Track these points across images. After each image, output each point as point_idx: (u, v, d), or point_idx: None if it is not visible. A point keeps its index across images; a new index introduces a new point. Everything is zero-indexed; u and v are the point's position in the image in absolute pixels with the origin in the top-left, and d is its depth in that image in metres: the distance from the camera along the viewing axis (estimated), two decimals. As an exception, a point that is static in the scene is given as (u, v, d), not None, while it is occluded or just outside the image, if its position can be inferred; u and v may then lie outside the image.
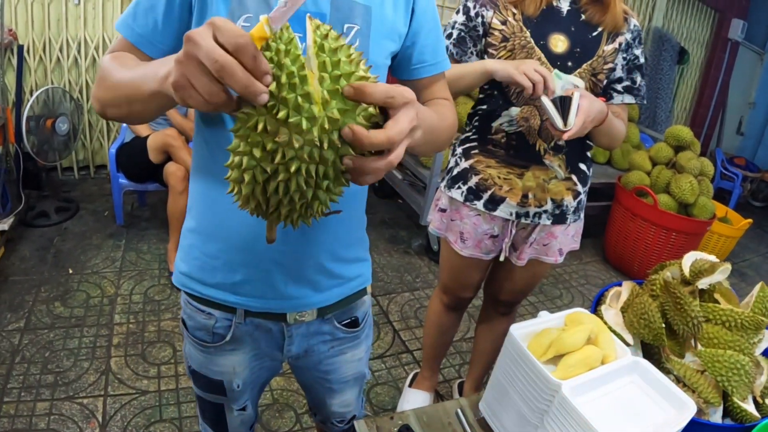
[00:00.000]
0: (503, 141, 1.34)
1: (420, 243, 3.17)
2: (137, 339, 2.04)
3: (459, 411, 0.96)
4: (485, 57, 1.32)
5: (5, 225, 2.43)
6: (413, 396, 1.84)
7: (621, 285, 1.07)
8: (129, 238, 2.77)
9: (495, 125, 1.34)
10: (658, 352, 0.94)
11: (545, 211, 1.36)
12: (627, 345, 0.91)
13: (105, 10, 3.10)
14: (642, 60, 1.34)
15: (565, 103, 1.13)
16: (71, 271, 2.42)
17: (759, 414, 0.85)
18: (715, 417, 0.86)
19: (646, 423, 0.76)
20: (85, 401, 1.72)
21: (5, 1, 2.73)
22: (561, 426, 0.75)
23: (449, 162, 1.47)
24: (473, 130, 1.40)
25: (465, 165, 1.40)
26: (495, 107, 1.34)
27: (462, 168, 1.40)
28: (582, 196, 1.41)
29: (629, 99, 1.35)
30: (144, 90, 0.58)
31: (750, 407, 0.85)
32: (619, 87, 1.34)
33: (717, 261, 0.98)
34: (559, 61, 1.26)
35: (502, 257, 1.44)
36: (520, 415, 0.84)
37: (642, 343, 0.97)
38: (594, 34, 1.28)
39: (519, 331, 0.87)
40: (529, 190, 1.34)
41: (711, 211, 3.03)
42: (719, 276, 0.97)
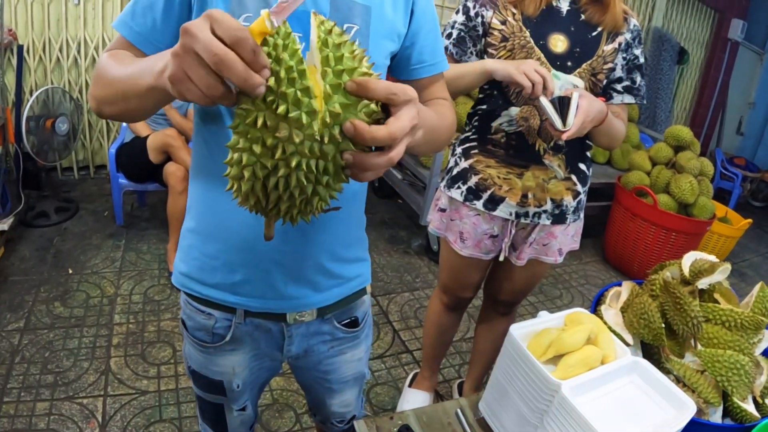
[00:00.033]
0: (503, 141, 1.34)
1: (420, 243, 3.17)
2: (137, 339, 2.04)
3: (459, 411, 0.96)
4: (485, 57, 1.32)
5: (5, 225, 2.43)
6: (413, 396, 1.84)
7: (621, 285, 1.07)
8: (129, 238, 2.77)
9: (495, 125, 1.34)
10: (657, 352, 0.94)
11: (545, 211, 1.36)
12: (627, 345, 0.91)
13: (105, 10, 3.10)
14: (642, 60, 1.34)
15: (564, 104, 1.13)
16: (71, 271, 2.41)
17: (759, 414, 0.85)
18: (715, 417, 0.86)
19: (645, 423, 0.76)
20: (85, 401, 1.72)
21: (5, 1, 2.73)
22: (561, 426, 0.75)
23: (449, 162, 1.47)
24: (473, 129, 1.40)
25: (465, 165, 1.40)
26: (495, 107, 1.34)
27: (462, 168, 1.40)
28: (582, 196, 1.41)
29: (629, 99, 1.35)
30: (140, 85, 0.57)
31: (750, 407, 0.85)
32: (619, 87, 1.34)
33: (717, 261, 0.98)
34: (559, 61, 1.26)
35: (501, 257, 1.44)
36: (519, 415, 0.84)
37: (642, 343, 0.97)
38: (594, 34, 1.28)
39: (519, 331, 0.87)
40: (529, 189, 1.34)
41: (711, 211, 3.03)
42: (719, 276, 0.97)
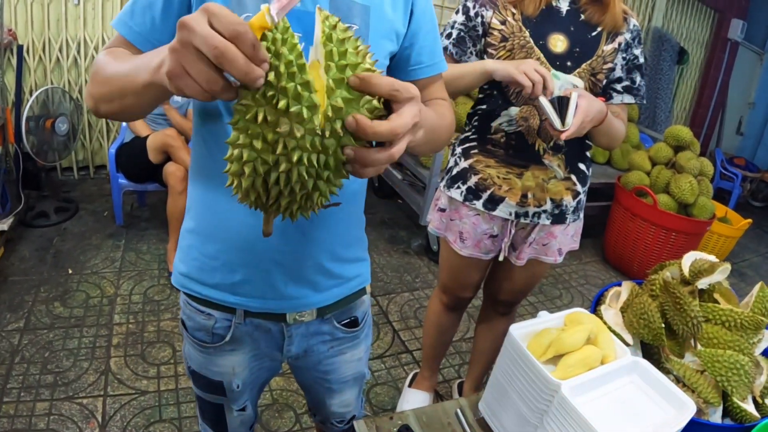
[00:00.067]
0: (502, 141, 1.34)
1: (420, 243, 3.17)
2: (137, 339, 2.04)
3: (458, 411, 0.96)
4: (485, 57, 1.32)
5: (5, 225, 2.43)
6: (413, 396, 1.84)
7: (620, 285, 1.07)
8: (128, 238, 2.77)
9: (494, 125, 1.34)
10: (657, 352, 0.94)
11: (544, 211, 1.36)
12: (626, 345, 0.91)
13: (104, 10, 3.10)
14: (641, 60, 1.34)
15: (563, 103, 1.13)
16: (71, 272, 2.41)
17: (759, 414, 0.85)
18: (715, 417, 0.86)
19: (645, 423, 0.76)
20: (85, 401, 1.72)
21: (5, 1, 2.73)
22: (560, 426, 0.75)
23: (449, 162, 1.47)
24: (473, 129, 1.40)
25: (464, 165, 1.40)
26: (494, 107, 1.34)
27: (461, 168, 1.40)
28: (581, 196, 1.41)
29: (629, 99, 1.35)
30: (137, 82, 0.57)
31: (750, 407, 0.85)
32: (619, 87, 1.34)
33: (716, 261, 0.98)
34: (559, 61, 1.26)
35: (501, 257, 1.44)
36: (519, 415, 0.84)
37: (642, 343, 0.97)
38: (593, 33, 1.28)
39: (518, 331, 0.87)
40: (529, 189, 1.34)
41: (711, 211, 3.03)
42: (719, 276, 0.97)
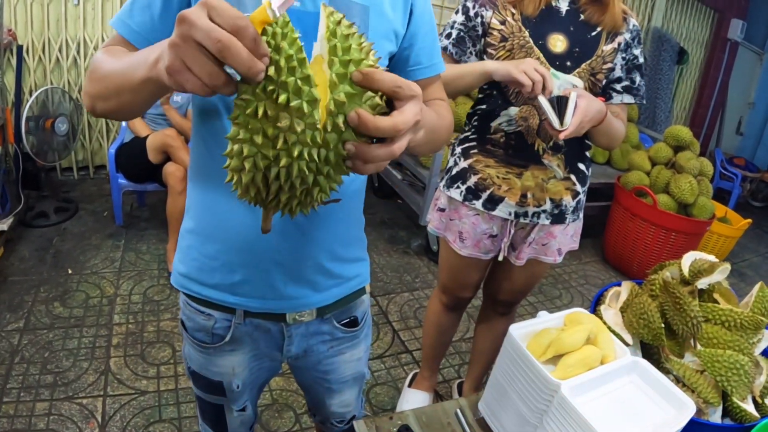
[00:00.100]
0: (502, 141, 1.34)
1: (419, 243, 3.17)
2: (136, 339, 2.04)
3: (458, 411, 0.96)
4: (484, 57, 1.32)
5: (5, 225, 2.43)
6: (412, 396, 1.84)
7: (620, 285, 1.07)
8: (128, 238, 2.77)
9: (494, 125, 1.34)
10: (657, 352, 0.94)
11: (544, 211, 1.36)
12: (626, 345, 0.91)
13: (104, 10, 3.10)
14: (641, 60, 1.34)
15: (562, 103, 1.13)
16: (70, 272, 2.41)
17: (758, 414, 0.85)
18: (715, 417, 0.86)
19: (645, 423, 0.76)
20: (85, 401, 1.72)
21: (5, 1, 2.73)
22: (560, 426, 0.75)
23: (448, 162, 1.47)
24: (472, 129, 1.40)
25: (464, 164, 1.40)
26: (494, 107, 1.34)
27: (461, 167, 1.40)
28: (581, 195, 1.41)
29: (628, 99, 1.35)
30: (134, 78, 0.56)
31: (749, 407, 0.85)
32: (619, 87, 1.34)
33: (716, 261, 0.98)
34: (558, 61, 1.26)
35: (500, 257, 1.44)
36: (519, 415, 0.84)
37: (641, 343, 0.97)
38: (593, 33, 1.28)
39: (518, 331, 0.87)
40: (528, 189, 1.34)
41: (710, 211, 3.03)
42: (718, 276, 0.97)
